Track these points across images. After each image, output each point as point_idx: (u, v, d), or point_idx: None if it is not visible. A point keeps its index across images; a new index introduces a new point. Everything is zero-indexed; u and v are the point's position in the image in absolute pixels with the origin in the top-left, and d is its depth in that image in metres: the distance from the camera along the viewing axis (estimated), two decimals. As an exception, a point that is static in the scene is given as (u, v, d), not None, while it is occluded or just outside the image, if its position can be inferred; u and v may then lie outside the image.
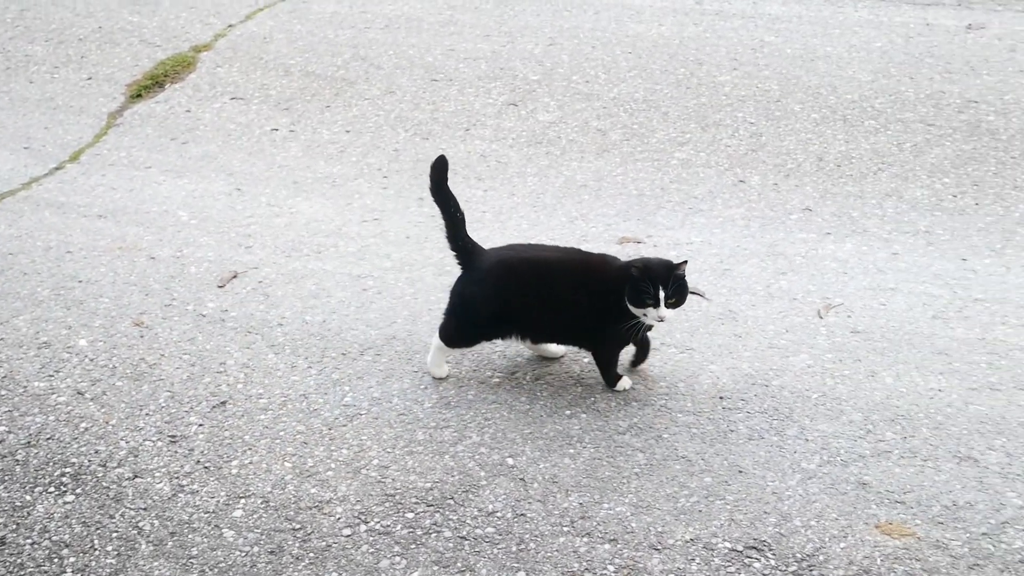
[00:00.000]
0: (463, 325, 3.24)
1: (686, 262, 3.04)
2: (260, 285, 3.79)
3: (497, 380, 3.30)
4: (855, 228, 4.06)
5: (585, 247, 3.90)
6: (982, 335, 3.46)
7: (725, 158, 4.52)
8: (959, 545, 2.71)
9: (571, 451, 3.03)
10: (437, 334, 3.27)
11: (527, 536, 2.78)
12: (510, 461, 3.00)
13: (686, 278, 3.03)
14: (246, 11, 6.07)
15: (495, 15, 5.80)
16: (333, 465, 3.02)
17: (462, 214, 3.20)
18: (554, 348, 3.37)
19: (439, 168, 3.18)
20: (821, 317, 3.57)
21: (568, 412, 3.17)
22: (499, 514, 2.85)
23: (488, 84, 5.12)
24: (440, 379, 3.31)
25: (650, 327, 3.12)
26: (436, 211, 3.19)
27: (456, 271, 3.20)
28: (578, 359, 3.38)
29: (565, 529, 2.80)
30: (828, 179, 4.36)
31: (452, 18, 5.78)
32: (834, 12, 5.81)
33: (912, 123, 4.72)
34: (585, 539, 2.76)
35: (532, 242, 3.52)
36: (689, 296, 3.09)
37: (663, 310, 3.00)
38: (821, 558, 2.69)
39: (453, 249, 3.20)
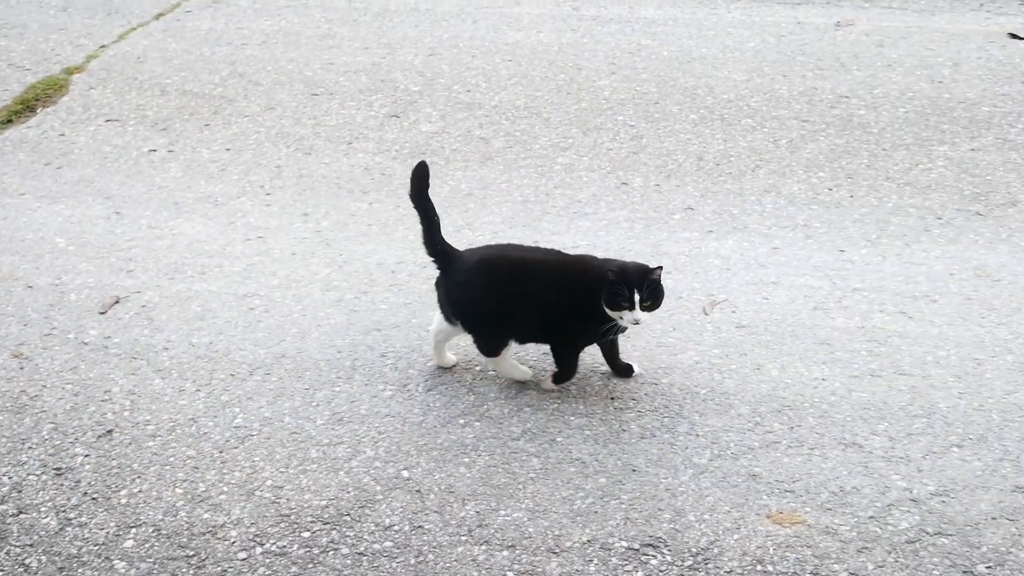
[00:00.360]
0: (483, 328, 3.22)
1: (661, 267, 3.08)
2: (143, 309, 3.72)
3: (389, 393, 3.28)
4: (736, 225, 4.14)
5: (472, 255, 3.93)
6: (861, 323, 3.55)
7: (607, 161, 4.57)
8: (847, 529, 2.78)
9: (466, 460, 3.03)
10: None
11: (425, 548, 2.77)
12: (405, 474, 2.99)
13: (661, 282, 3.08)
14: (119, 31, 5.95)
15: (374, 27, 5.79)
16: (225, 488, 2.97)
17: (439, 219, 3.24)
18: (450, 357, 3.38)
19: (420, 174, 3.23)
20: (707, 314, 3.63)
21: (462, 421, 3.17)
22: (396, 528, 2.83)
23: (369, 96, 5.10)
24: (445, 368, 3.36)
25: (623, 330, 3.15)
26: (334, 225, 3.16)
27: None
28: (470, 367, 3.38)
29: (463, 538, 2.79)
30: (708, 178, 4.44)
31: (330, 31, 5.75)
32: (708, 14, 5.92)
33: (787, 120, 4.84)
34: (483, 547, 2.76)
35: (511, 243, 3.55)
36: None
37: (638, 313, 3.04)
38: (715, 551, 2.73)
39: (431, 254, 3.24)
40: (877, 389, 3.26)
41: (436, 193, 4.35)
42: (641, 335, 3.51)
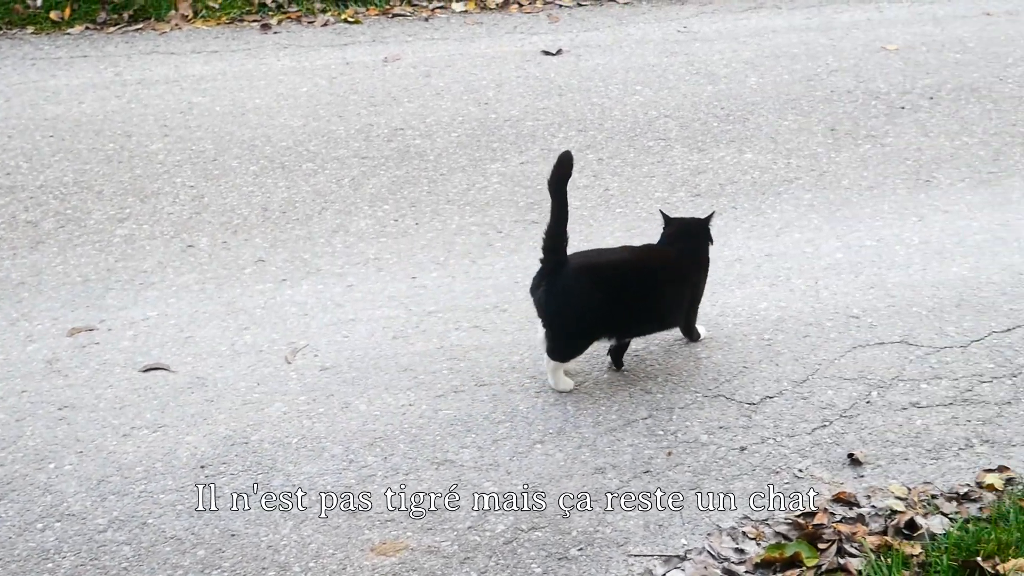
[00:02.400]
0: (570, 338, 3.34)
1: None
2: None
3: (-47, 512, 2.99)
4: (309, 269, 4.13)
5: (34, 346, 3.68)
6: (440, 344, 3.65)
7: (169, 226, 4.42)
8: (449, 544, 2.84)
9: (50, 566, 2.81)
10: (547, 357, 3.36)
11: (12, 671, 2.54)
12: (-19, 596, 2.73)
13: None
14: None
15: None
16: None
17: (567, 214, 3.28)
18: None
19: (564, 162, 3.25)
20: (289, 362, 3.59)
21: (40, 525, 2.94)
22: (-24, 657, 2.58)
23: None
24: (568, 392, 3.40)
25: None
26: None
27: None
28: (61, 464, 3.14)
29: (55, 650, 2.59)
30: (276, 227, 4.41)
31: None
32: (257, 64, 5.90)
33: (347, 159, 4.90)
34: (79, 654, 2.57)
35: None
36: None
37: None
38: (324, 598, 2.70)
39: (549, 244, 3.28)
40: (461, 404, 3.35)
41: (-23, 287, 4.05)
42: (225, 397, 3.41)
